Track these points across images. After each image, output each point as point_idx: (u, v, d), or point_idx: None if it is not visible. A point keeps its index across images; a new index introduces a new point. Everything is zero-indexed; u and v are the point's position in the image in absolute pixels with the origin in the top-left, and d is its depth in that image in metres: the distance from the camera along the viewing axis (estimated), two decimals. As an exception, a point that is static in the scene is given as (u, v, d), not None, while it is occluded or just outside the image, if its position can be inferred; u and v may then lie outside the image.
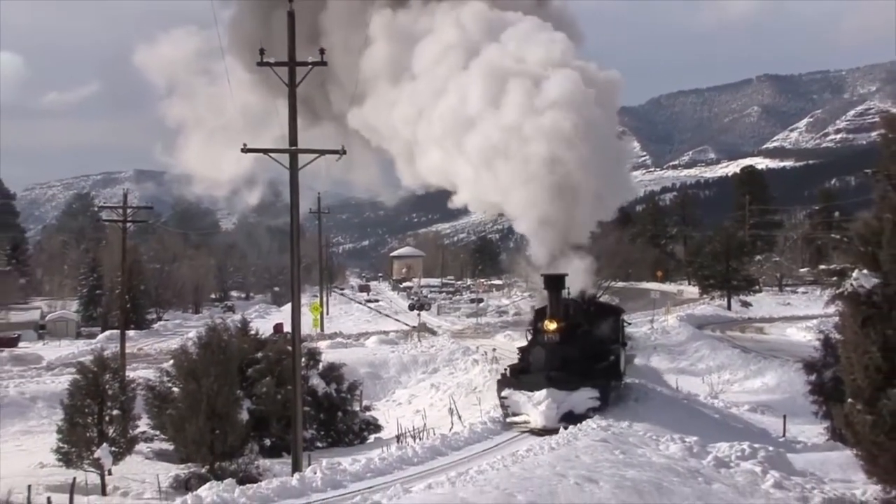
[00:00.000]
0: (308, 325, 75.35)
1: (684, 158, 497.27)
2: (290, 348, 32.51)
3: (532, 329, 37.25)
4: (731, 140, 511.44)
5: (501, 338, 71.41)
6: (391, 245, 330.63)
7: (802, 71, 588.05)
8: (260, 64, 30.57)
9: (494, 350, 57.43)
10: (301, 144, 31.03)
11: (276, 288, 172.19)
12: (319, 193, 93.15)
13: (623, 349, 39.04)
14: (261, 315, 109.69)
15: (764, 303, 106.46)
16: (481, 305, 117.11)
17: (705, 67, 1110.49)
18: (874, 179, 27.58)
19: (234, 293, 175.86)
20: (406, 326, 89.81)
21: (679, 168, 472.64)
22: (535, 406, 31.74)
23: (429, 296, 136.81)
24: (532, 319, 38.83)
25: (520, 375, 34.10)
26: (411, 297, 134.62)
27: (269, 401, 38.03)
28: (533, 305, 48.38)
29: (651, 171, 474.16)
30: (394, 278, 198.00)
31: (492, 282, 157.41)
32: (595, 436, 27.42)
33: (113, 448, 32.18)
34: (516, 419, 32.76)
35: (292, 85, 30.55)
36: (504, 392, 33.46)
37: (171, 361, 38.42)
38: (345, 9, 44.05)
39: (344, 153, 32.09)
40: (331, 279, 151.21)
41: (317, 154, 31.65)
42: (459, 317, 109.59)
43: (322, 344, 64.16)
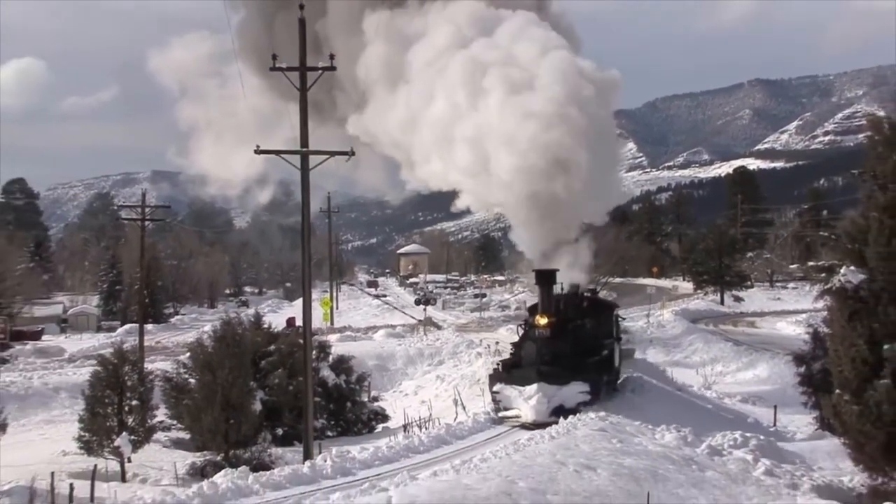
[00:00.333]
0: (319, 319, 75.33)
1: (679, 159, 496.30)
2: (302, 341, 32.52)
3: (524, 324, 36.47)
4: (724, 142, 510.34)
5: (504, 331, 71.26)
6: (398, 242, 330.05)
7: (792, 75, 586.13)
8: (272, 69, 30.42)
9: (497, 343, 57.36)
10: (311, 145, 30.98)
11: (288, 284, 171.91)
12: (329, 193, 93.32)
13: (617, 344, 38.27)
14: (273, 309, 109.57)
15: (755, 298, 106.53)
16: (484, 300, 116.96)
17: (699, 72, 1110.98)
18: (861, 180, 27.32)
19: (248, 289, 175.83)
20: (413, 320, 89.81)
21: (674, 169, 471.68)
22: (526, 400, 31.11)
23: (434, 291, 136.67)
24: (527, 315, 38.29)
25: (511, 370, 33.30)
26: (417, 293, 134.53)
27: (282, 392, 38.02)
28: (525, 301, 48.08)
29: (647, 172, 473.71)
30: (401, 274, 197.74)
31: (495, 278, 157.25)
32: (593, 425, 27.42)
33: (132, 437, 32.26)
34: (508, 413, 32.06)
35: (303, 89, 30.47)
36: (496, 387, 32.77)
37: (188, 354, 38.43)
38: (344, 14, 43.21)
39: (353, 154, 32.15)
40: (340, 275, 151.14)
41: (327, 155, 31.64)
42: (464, 311, 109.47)
43: (332, 337, 64.08)
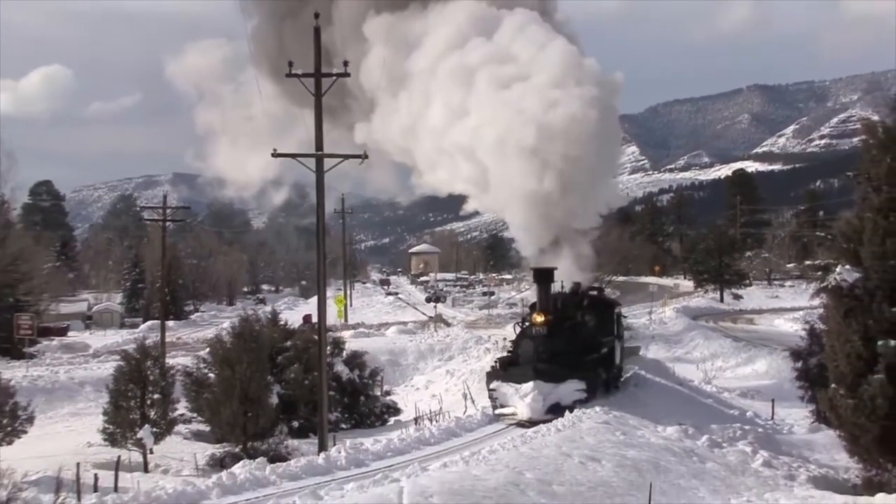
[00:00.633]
0: (333, 316, 75.43)
1: (680, 162, 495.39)
2: (317, 337, 32.54)
3: (522, 322, 35.40)
4: (724, 145, 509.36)
5: (511, 328, 71.20)
6: (409, 242, 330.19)
7: (789, 81, 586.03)
8: (289, 75, 30.40)
9: (505, 339, 57.20)
10: (324, 148, 30.89)
11: (304, 282, 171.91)
12: (343, 195, 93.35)
13: (618, 341, 37.08)
14: (289, 307, 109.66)
15: (754, 296, 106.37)
16: (493, 298, 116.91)
17: (699, 78, 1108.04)
18: (856, 182, 27.28)
19: (265, 287, 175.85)
20: (424, 317, 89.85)
21: (675, 171, 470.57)
22: (522, 398, 30.10)
23: (444, 289, 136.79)
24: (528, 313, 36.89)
25: (508, 368, 32.24)
26: (428, 291, 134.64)
27: (297, 386, 38.06)
28: (523, 298, 47.44)
29: (649, 174, 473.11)
30: (412, 273, 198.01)
31: (502, 276, 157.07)
32: (598, 418, 27.41)
33: (154, 429, 32.26)
34: (504, 411, 31.02)
35: (318, 95, 30.40)
36: (493, 384, 31.76)
37: (207, 349, 38.49)
38: (350, 22, 42.25)
39: (366, 157, 32.09)
40: (354, 274, 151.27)
41: (341, 158, 31.63)
42: (472, 308, 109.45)
43: (346, 333, 64.13)
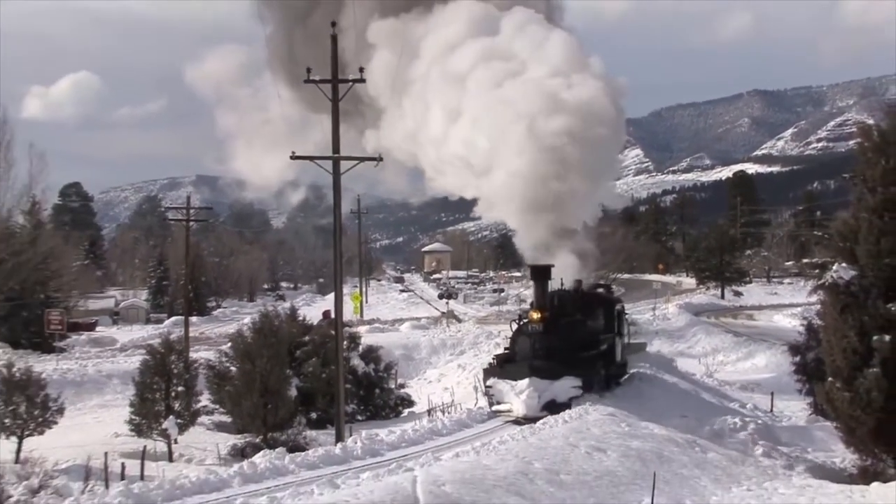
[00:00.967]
0: (349, 312, 75.43)
1: (682, 164, 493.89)
2: (334, 332, 32.57)
3: (519, 319, 33.79)
4: (725, 148, 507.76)
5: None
6: (422, 241, 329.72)
7: (788, 86, 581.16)
8: (307, 81, 30.34)
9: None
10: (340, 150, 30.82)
11: (321, 279, 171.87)
12: (359, 196, 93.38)
13: (619, 338, 35.47)
14: (307, 303, 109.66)
15: (753, 292, 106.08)
16: (503, 295, 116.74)
17: (701, 83, 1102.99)
18: (852, 183, 27.18)
19: (284, 284, 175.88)
20: (436, 313, 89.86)
21: (678, 173, 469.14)
22: (518, 395, 28.95)
23: (456, 286, 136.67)
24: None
25: (504, 364, 31.10)
26: (440, 288, 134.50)
27: (315, 379, 38.14)
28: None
29: (653, 176, 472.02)
30: (425, 271, 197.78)
31: (512, 274, 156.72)
32: (603, 410, 27.36)
33: (178, 420, 32.37)
34: (500, 408, 29.80)
35: (335, 100, 30.32)
36: (489, 381, 30.59)
37: (229, 344, 38.58)
38: (358, 27, 41.02)
39: (381, 160, 32.00)
40: (369, 272, 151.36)
41: (357, 161, 31.57)
42: (483, 305, 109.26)
43: (362, 329, 64.11)
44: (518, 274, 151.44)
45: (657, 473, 19.61)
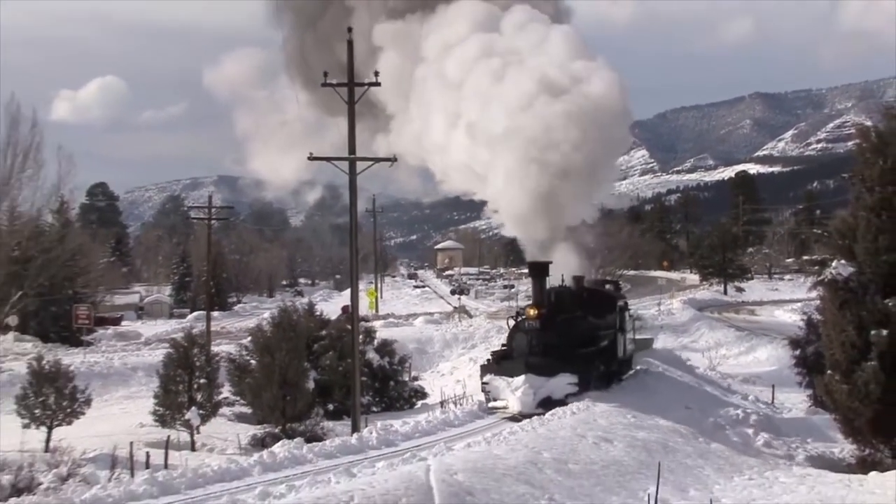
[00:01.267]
0: (365, 308, 75.58)
1: (686, 165, 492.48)
2: (350, 327, 32.59)
3: (516, 315, 32.26)
4: (727, 149, 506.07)
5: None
6: (435, 239, 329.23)
7: (788, 89, 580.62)
8: (324, 85, 30.24)
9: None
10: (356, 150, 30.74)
11: (338, 276, 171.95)
12: (374, 196, 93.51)
13: (621, 335, 33.91)
14: (324, 299, 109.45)
15: (755, 288, 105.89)
16: (513, 291, 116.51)
17: (704, 86, 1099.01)
18: (850, 183, 27.09)
19: (302, 280, 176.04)
20: (449, 308, 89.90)
21: (682, 173, 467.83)
22: (513, 392, 27.99)
23: (468, 282, 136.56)
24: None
25: (501, 361, 30.07)
26: (453, 284, 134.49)
27: (332, 372, 38.22)
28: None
29: (658, 176, 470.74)
30: (438, 268, 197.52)
31: (522, 270, 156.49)
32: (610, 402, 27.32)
33: (200, 411, 32.49)
34: (497, 404, 28.77)
35: (351, 103, 30.25)
36: (485, 378, 29.52)
37: (249, 338, 38.70)
38: (367, 31, 40.44)
39: (395, 161, 31.91)
40: (384, 268, 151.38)
41: (372, 161, 31.55)
42: (494, 300, 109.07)
43: (377, 323, 64.25)
44: (527, 270, 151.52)
45: (662, 463, 19.60)
